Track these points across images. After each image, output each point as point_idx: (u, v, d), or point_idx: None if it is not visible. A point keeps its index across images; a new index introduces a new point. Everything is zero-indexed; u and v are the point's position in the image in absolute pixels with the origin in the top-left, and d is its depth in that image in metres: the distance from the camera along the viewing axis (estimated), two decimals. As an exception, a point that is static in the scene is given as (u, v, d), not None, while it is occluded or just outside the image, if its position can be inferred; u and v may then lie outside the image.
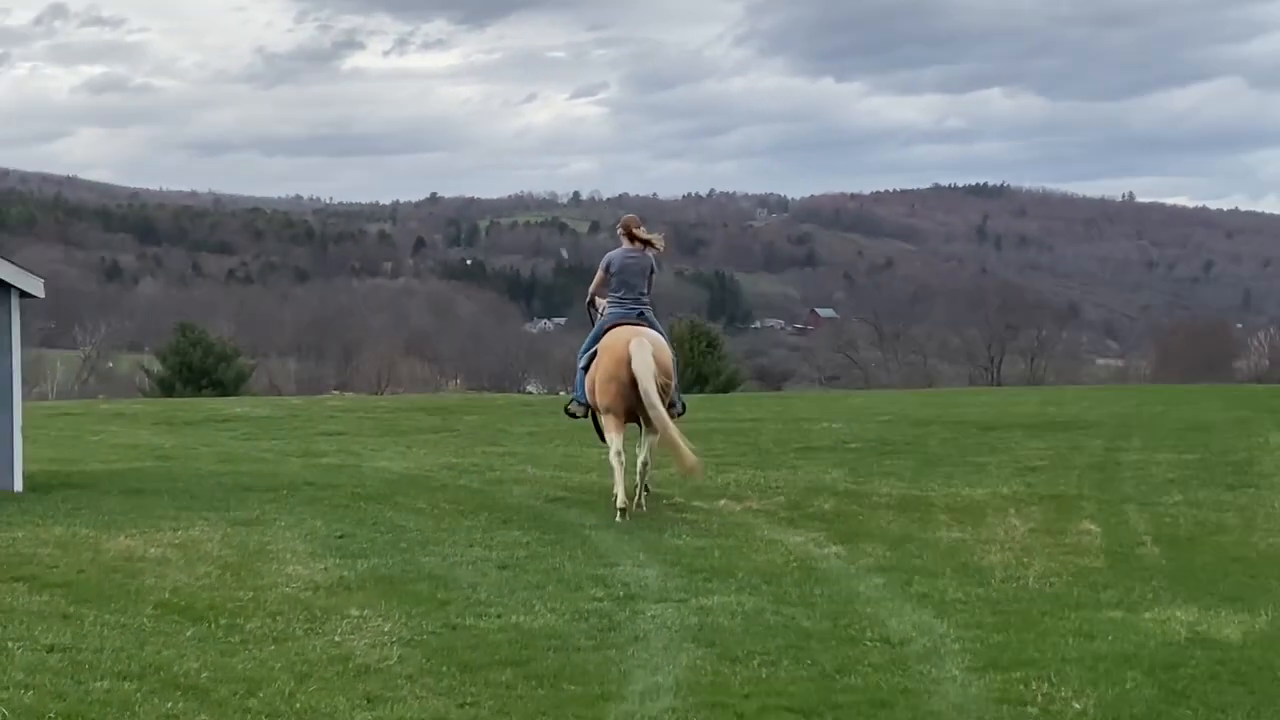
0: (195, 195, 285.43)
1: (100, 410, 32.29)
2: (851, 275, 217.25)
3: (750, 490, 15.73)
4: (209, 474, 17.40)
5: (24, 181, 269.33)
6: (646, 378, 13.74)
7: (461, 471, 18.02)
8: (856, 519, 13.54)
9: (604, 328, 14.85)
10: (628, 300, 14.97)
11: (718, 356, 77.69)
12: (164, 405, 34.84)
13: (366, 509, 14.11)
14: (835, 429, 23.90)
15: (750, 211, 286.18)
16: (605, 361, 14.29)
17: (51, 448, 21.90)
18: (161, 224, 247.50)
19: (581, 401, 15.25)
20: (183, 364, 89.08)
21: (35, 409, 33.95)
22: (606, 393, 14.23)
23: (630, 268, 15.07)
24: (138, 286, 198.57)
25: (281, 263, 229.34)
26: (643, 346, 14.00)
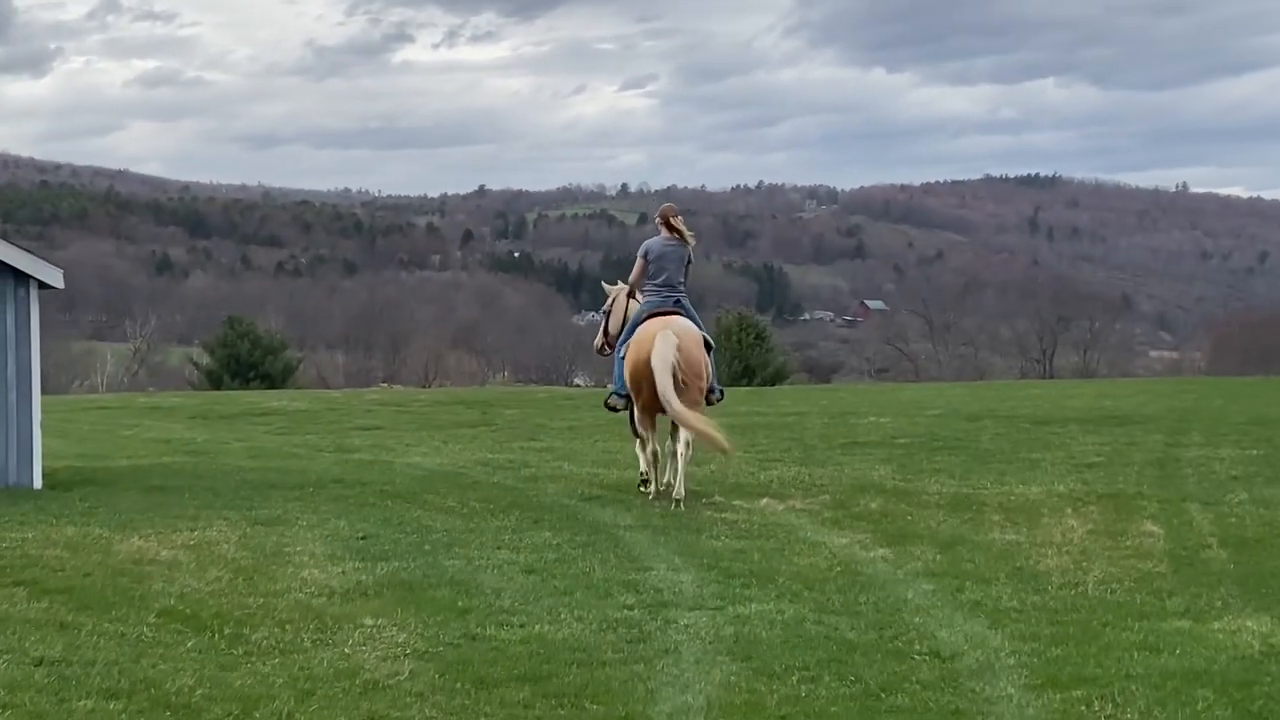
0: (245, 188, 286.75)
1: (138, 404, 31.96)
2: (901, 267, 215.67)
3: (793, 488, 15.13)
4: (236, 470, 16.93)
5: (76, 175, 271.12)
6: (663, 372, 13.59)
7: (496, 468, 17.48)
8: (905, 519, 12.91)
9: (640, 317, 14.71)
10: (664, 289, 14.86)
11: (766, 349, 77.00)
12: (202, 399, 34.48)
13: (393, 508, 13.59)
14: (883, 424, 23.28)
15: (799, 203, 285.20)
16: (633, 357, 14.22)
17: (81, 443, 21.55)
18: (211, 217, 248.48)
19: (621, 394, 15.03)
20: (230, 357, 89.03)
21: (72, 403, 33.72)
22: (640, 392, 14.19)
23: (668, 256, 15.02)
24: (188, 279, 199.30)
25: (330, 255, 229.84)
26: (667, 340, 13.82)
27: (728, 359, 75.80)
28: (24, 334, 15.17)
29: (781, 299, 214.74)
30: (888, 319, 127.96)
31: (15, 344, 15.14)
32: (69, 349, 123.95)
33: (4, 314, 15.08)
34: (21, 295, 15.16)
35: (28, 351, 15.22)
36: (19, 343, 15.18)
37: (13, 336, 15.12)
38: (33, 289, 15.23)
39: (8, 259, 15.03)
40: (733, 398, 31.48)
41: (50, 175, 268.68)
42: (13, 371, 15.18)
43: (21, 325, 15.14)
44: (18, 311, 15.10)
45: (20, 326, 15.13)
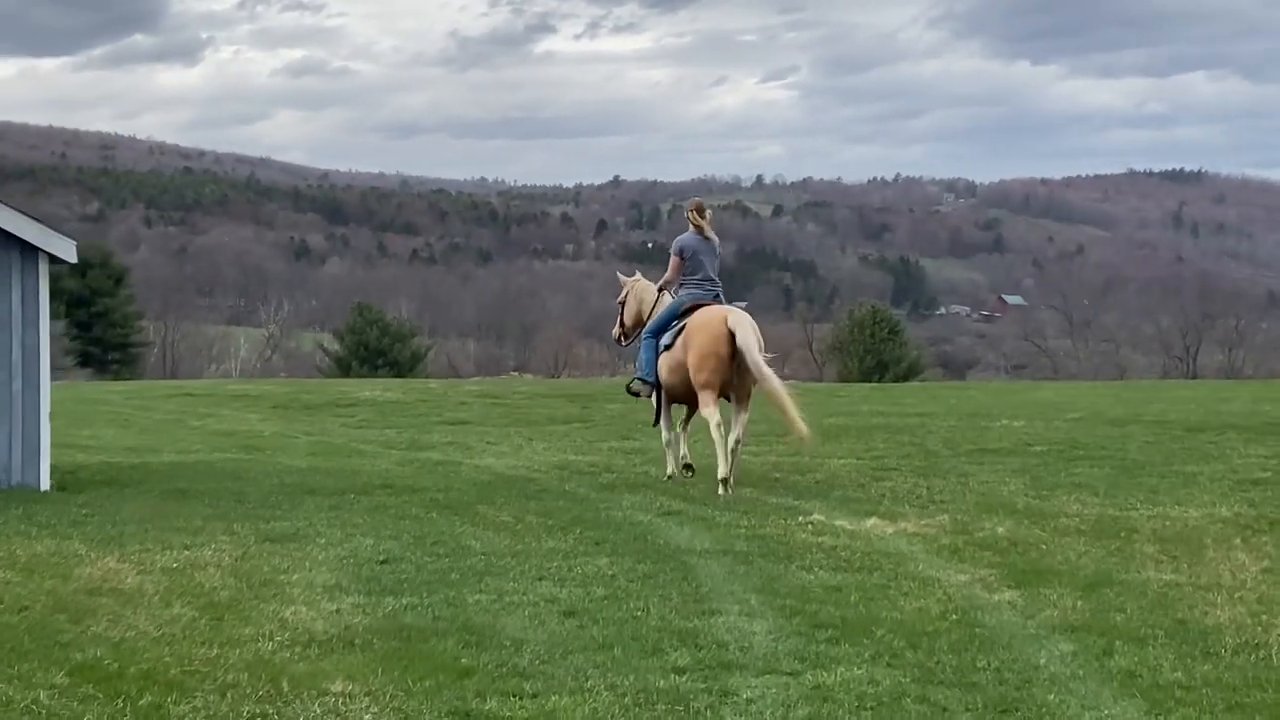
0: (383, 176, 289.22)
1: (225, 391, 30.49)
2: (1041, 262, 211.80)
3: (908, 505, 12.99)
4: (281, 471, 15.17)
5: (218, 162, 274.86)
6: (754, 350, 13.81)
7: (573, 473, 15.55)
8: (1038, 549, 10.74)
9: (683, 306, 14.85)
10: (704, 282, 15.04)
11: (899, 343, 74.88)
12: (293, 387, 32.90)
13: (436, 522, 11.70)
14: (1017, 428, 20.96)
15: (937, 196, 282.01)
16: (701, 340, 14.10)
17: (140, 434, 20.05)
18: (349, 205, 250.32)
19: (648, 380, 15.07)
20: (359, 343, 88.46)
21: (153, 388, 32.37)
22: (704, 369, 14.02)
23: (703, 251, 15.16)
24: (324, 266, 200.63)
25: (465, 244, 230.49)
26: (742, 321, 14.05)
27: (859, 353, 73.73)
28: (31, 314, 13.38)
29: (917, 293, 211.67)
30: (1026, 314, 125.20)
31: (22, 325, 13.32)
32: (204, 333, 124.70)
33: (8, 290, 13.30)
34: (29, 270, 13.39)
35: (35, 334, 13.42)
36: (25, 323, 13.36)
37: (18, 316, 13.32)
38: (42, 263, 13.47)
39: (13, 228, 13.29)
40: (852, 396, 29.51)
41: (194, 162, 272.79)
42: (17, 356, 13.37)
43: (29, 304, 13.36)
44: (24, 288, 13.31)
45: (28, 305, 13.35)
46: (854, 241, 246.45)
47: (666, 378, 14.74)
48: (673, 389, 14.83)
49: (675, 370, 14.52)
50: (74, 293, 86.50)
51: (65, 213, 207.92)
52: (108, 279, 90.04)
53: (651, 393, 15.16)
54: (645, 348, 15.17)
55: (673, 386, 14.77)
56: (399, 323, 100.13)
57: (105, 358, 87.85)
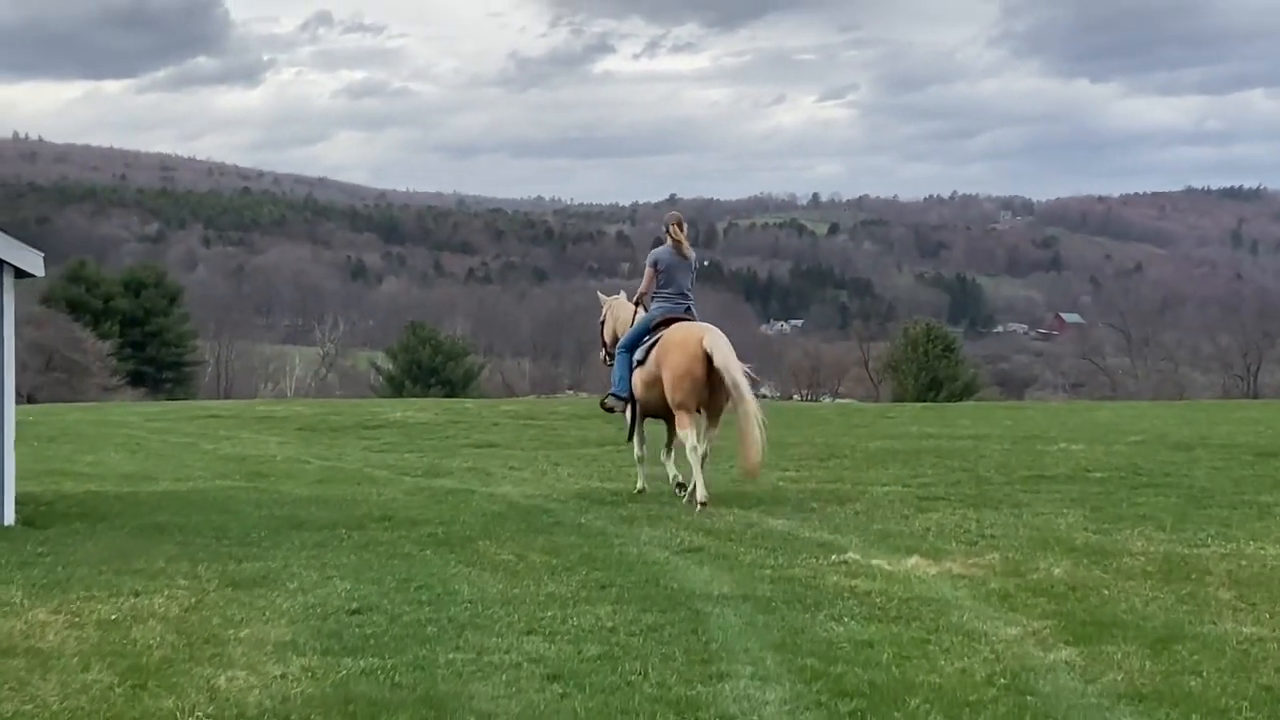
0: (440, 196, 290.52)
1: (253, 412, 29.47)
2: (1098, 279, 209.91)
3: (955, 541, 11.73)
4: (279, 501, 14.07)
5: (277, 182, 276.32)
6: (735, 370, 13.69)
7: (594, 502, 14.36)
8: (1099, 595, 9.50)
9: (654, 321, 14.83)
10: (675, 296, 14.98)
11: (954, 361, 73.75)
12: (322, 408, 31.86)
13: (428, 562, 10.56)
14: (1075, 452, 19.59)
15: (994, 214, 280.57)
16: (677, 358, 14.02)
17: (145, 460, 19.06)
18: (406, 224, 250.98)
19: (622, 395, 14.98)
20: (412, 362, 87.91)
21: (178, 410, 31.42)
22: (680, 388, 13.96)
23: (678, 265, 15.11)
24: (381, 285, 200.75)
25: (521, 263, 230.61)
26: (719, 341, 13.93)
27: (914, 371, 72.43)
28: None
29: (974, 310, 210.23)
30: (1084, 332, 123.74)
31: (-17, 343, 12.25)
32: (259, 352, 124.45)
33: (-34, 305, 12.24)
34: (-8, 283, 12.33)
35: (0, 349, 12.36)
36: (-11, 338, 12.29)
37: (-20, 333, 12.25)
38: (7, 276, 12.41)
39: (-25, 240, 12.24)
40: (902, 416, 28.22)
41: (252, 182, 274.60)
42: (-23, 378, 12.31)
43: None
44: (-14, 302, 12.24)
45: (-9, 318, 12.28)
46: (910, 259, 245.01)
47: (641, 393, 14.69)
48: (647, 404, 14.78)
49: (650, 386, 14.46)
50: (127, 312, 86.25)
51: (125, 233, 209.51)
52: (161, 298, 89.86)
53: (626, 408, 15.12)
54: (619, 363, 15.14)
55: (647, 402, 14.72)
56: (452, 341, 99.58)
57: (159, 377, 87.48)
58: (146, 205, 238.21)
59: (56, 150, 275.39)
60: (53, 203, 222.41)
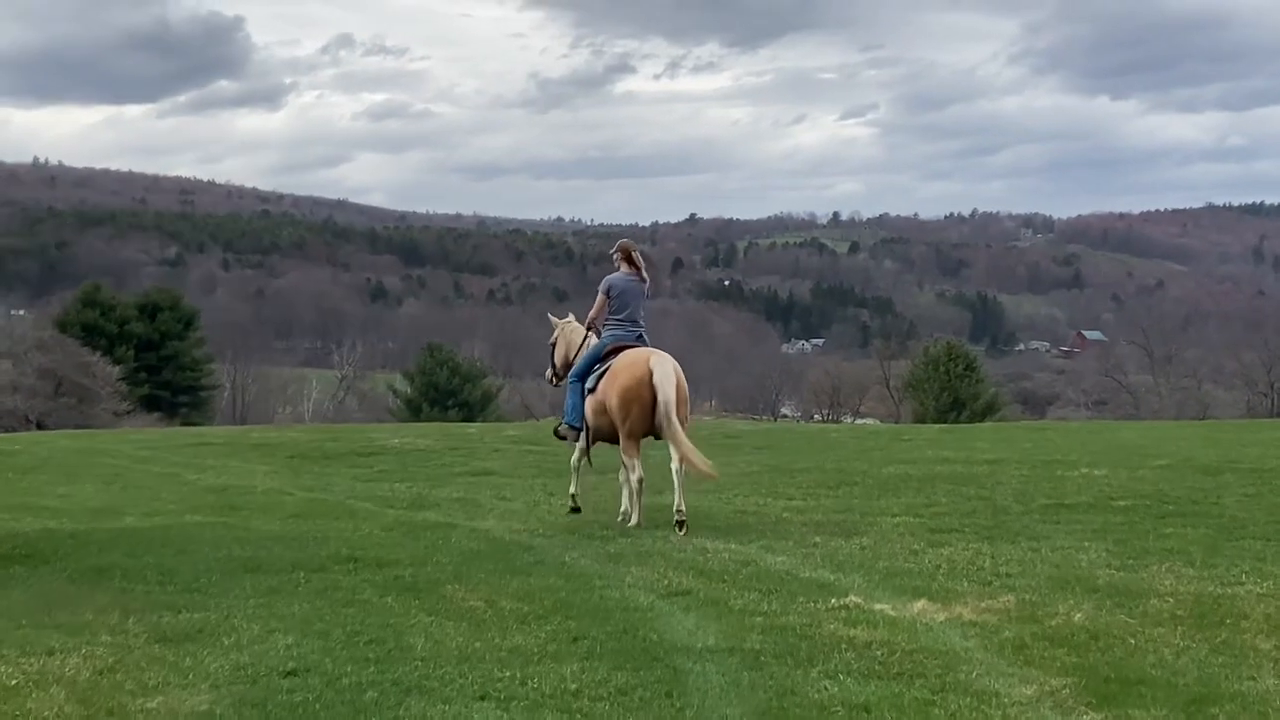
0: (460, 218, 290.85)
1: (247, 440, 28.57)
2: (1120, 296, 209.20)
3: (967, 580, 10.77)
4: (243, 539, 13.09)
5: (296, 205, 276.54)
6: (669, 389, 13.71)
7: (583, 538, 13.38)
8: (1124, 645, 8.55)
9: (605, 349, 14.75)
10: (627, 323, 14.95)
11: (976, 380, 72.99)
12: (320, 434, 30.93)
13: (388, 610, 9.63)
14: (1098, 478, 18.58)
15: (1014, 232, 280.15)
16: (625, 381, 14.00)
17: (119, 492, 18.24)
18: (426, 246, 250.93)
19: (575, 425, 14.94)
20: (429, 384, 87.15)
21: (171, 437, 30.55)
22: (629, 415, 13.95)
23: (631, 291, 15.06)
24: (401, 306, 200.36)
25: (541, 283, 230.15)
26: (664, 362, 14.01)
27: (935, 390, 71.49)
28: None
29: (995, 329, 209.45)
30: (1106, 350, 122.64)
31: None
32: (275, 376, 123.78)
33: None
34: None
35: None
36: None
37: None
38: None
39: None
40: (918, 439, 27.21)
41: (272, 205, 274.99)
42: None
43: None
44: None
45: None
46: (931, 278, 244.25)
47: (593, 421, 14.62)
48: (600, 431, 14.69)
49: (600, 414, 14.43)
50: (143, 336, 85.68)
51: (144, 257, 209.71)
52: (177, 322, 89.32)
53: (579, 437, 14.96)
54: (571, 391, 15.08)
55: (600, 429, 14.65)
56: (470, 363, 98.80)
57: (174, 401, 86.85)
58: (166, 229, 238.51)
59: (76, 175, 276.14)
60: (72, 227, 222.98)
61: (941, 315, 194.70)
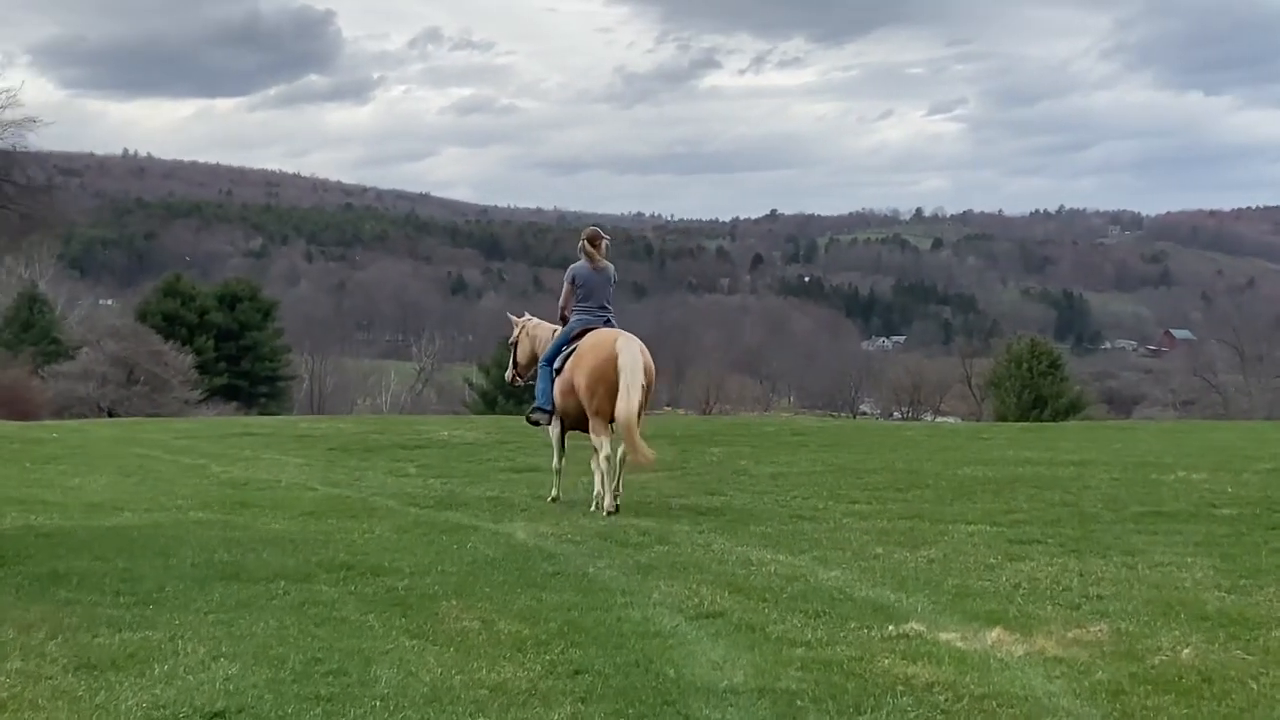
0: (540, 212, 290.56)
1: (293, 430, 27.30)
2: (1209, 295, 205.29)
3: (1051, 604, 9.21)
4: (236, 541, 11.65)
5: (379, 199, 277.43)
6: (635, 371, 13.67)
7: (615, 544, 11.85)
8: (1244, 691, 6.97)
9: (573, 333, 14.84)
10: (595, 309, 15.05)
11: (1060, 378, 71.00)
12: (369, 425, 29.57)
13: (367, 631, 8.21)
14: (1196, 482, 16.84)
15: (1101, 229, 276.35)
16: (591, 362, 14.07)
17: (135, 485, 17.06)
18: (506, 240, 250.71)
19: (546, 409, 14.93)
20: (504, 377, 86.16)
21: (212, 426, 29.32)
22: (595, 394, 13.99)
23: (596, 279, 15.19)
24: (481, 300, 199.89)
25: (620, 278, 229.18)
26: (630, 342, 14.01)
27: (1018, 388, 69.53)
28: None
29: (1081, 326, 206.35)
30: (1194, 349, 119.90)
31: None
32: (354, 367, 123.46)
33: None
34: None
35: None
36: None
37: None
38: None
39: None
40: (998, 438, 25.50)
41: (355, 198, 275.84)
42: None
43: None
44: None
45: None
46: (1015, 275, 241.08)
47: (560, 402, 14.70)
48: (567, 413, 14.75)
49: (567, 394, 14.50)
50: (222, 325, 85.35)
51: (229, 248, 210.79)
52: (256, 312, 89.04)
53: (551, 420, 15.02)
54: (541, 376, 15.07)
55: (566, 411, 14.72)
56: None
57: (252, 391, 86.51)
58: (251, 221, 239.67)
59: (164, 167, 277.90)
60: (160, 218, 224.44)
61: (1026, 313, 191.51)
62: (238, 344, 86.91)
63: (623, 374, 13.69)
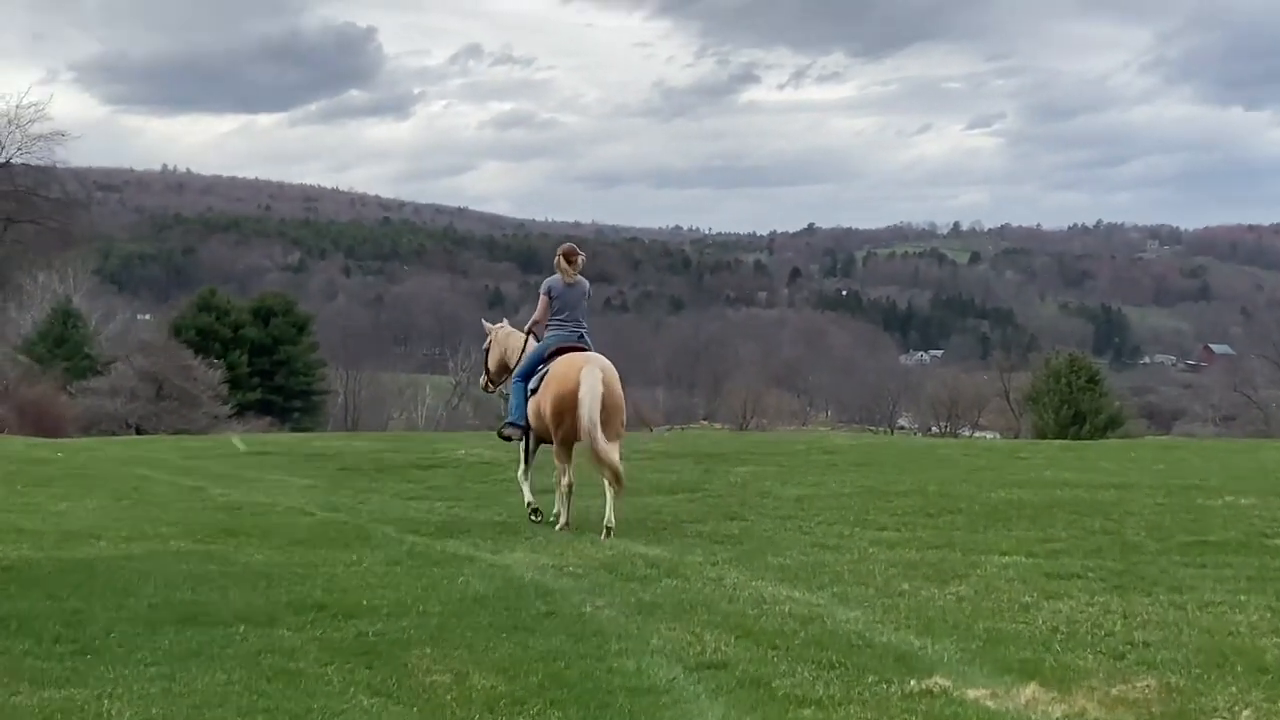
0: (578, 225, 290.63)
1: (306, 448, 26.57)
2: (1249, 309, 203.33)
3: (1091, 650, 8.28)
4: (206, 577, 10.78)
5: (417, 213, 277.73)
6: (592, 402, 13.61)
7: (618, 577, 10.92)
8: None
9: (548, 350, 14.85)
10: (569, 323, 15.09)
11: (1099, 393, 70.01)
12: (384, 443, 28.70)
13: (316, 688, 7.30)
14: (1245, 508, 15.76)
15: (1140, 243, 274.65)
16: (557, 390, 14.06)
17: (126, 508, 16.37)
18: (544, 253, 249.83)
19: (519, 424, 14.98)
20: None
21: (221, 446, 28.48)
22: (562, 424, 14.04)
23: (570, 294, 15.21)
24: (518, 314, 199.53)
25: (657, 291, 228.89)
26: (593, 373, 13.89)
27: (1056, 403, 68.45)
28: None
29: (1119, 341, 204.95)
30: (1234, 364, 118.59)
31: None
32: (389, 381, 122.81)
33: None
34: None
35: None
36: None
37: None
38: None
39: None
40: (1035, 458, 24.45)
41: (393, 212, 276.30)
42: None
43: None
44: None
45: None
46: (1053, 289, 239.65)
47: (535, 423, 14.76)
48: (541, 433, 14.81)
49: (538, 417, 14.57)
50: (256, 340, 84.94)
51: (267, 262, 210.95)
52: (290, 326, 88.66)
53: (523, 436, 15.09)
54: (514, 392, 15.07)
55: (541, 431, 14.75)
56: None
57: (286, 406, 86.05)
58: (289, 235, 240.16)
59: (203, 182, 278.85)
60: (198, 233, 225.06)
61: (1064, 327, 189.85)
62: (271, 358, 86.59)
63: (582, 405, 13.64)
